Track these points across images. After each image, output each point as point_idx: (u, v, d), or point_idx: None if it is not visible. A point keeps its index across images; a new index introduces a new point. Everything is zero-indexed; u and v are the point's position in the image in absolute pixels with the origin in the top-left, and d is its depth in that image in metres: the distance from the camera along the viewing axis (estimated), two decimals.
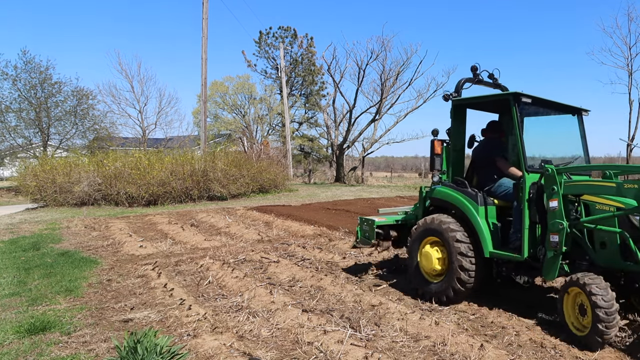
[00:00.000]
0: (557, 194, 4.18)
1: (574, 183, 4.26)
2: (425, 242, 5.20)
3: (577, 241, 4.27)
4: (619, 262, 3.99)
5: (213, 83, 35.95)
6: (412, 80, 27.99)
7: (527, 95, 4.64)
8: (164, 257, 7.22)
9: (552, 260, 4.21)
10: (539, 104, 5.05)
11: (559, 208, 4.18)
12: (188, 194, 16.35)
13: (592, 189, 4.19)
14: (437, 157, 5.35)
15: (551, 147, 5.63)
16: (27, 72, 22.04)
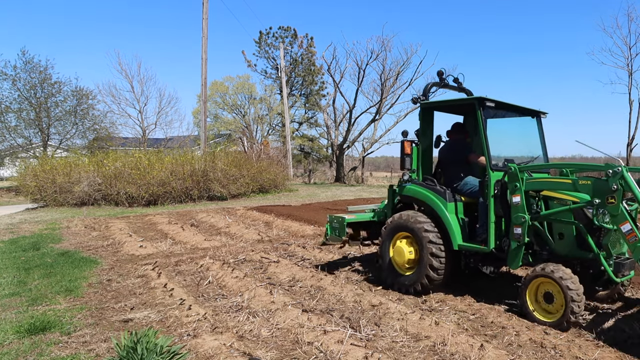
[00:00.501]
0: (519, 190, 4.57)
1: (534, 180, 4.69)
2: (397, 237, 5.50)
3: (539, 233, 4.68)
4: (575, 252, 4.44)
5: (213, 83, 35.98)
6: (412, 80, 28.01)
7: (490, 100, 4.99)
8: (164, 257, 7.22)
9: (516, 250, 4.61)
10: (501, 107, 5.42)
11: (521, 203, 4.56)
12: (188, 194, 16.36)
13: (550, 185, 4.61)
14: (407, 156, 5.66)
15: (514, 147, 6.06)
16: (26, 72, 22.07)
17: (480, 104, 4.96)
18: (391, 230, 5.55)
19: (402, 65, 27.75)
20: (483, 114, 4.98)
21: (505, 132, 6.18)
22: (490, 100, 4.98)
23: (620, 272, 4.29)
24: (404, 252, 5.30)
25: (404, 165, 5.66)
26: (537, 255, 4.74)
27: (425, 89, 6.06)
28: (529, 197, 4.67)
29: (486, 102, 4.95)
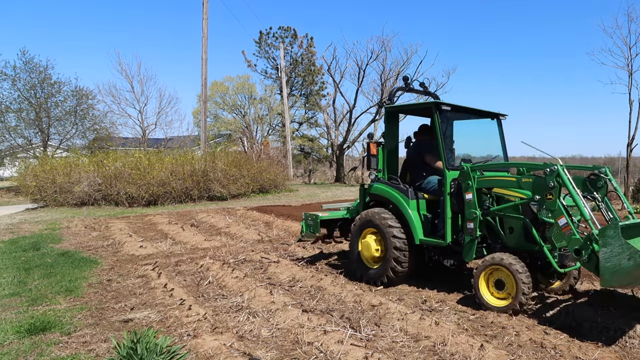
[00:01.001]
0: (471, 188, 4.96)
1: (485, 178, 5.03)
2: (365, 233, 5.89)
3: (492, 227, 5.08)
4: (524, 244, 4.81)
5: (213, 83, 35.97)
6: (412, 81, 28.01)
7: (446, 104, 5.40)
8: (164, 257, 7.22)
9: (470, 244, 5.02)
10: (458, 111, 5.84)
11: (473, 200, 4.95)
12: (188, 194, 16.36)
13: (499, 183, 5.03)
14: (373, 157, 6.02)
15: (477, 148, 6.56)
16: (26, 72, 22.04)
17: (436, 108, 5.37)
18: (359, 227, 5.92)
19: (402, 65, 27.77)
20: (439, 117, 5.35)
21: (469, 133, 6.59)
22: (445, 104, 5.40)
23: (564, 263, 4.57)
24: (371, 247, 5.69)
25: (370, 165, 6.04)
26: (491, 248, 5.13)
27: (391, 93, 6.48)
28: (481, 194, 5.04)
29: (442, 106, 5.37)
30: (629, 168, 16.83)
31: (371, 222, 5.76)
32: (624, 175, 17.87)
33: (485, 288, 4.75)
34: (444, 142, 5.32)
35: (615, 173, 39.62)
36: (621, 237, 3.65)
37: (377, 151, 6.05)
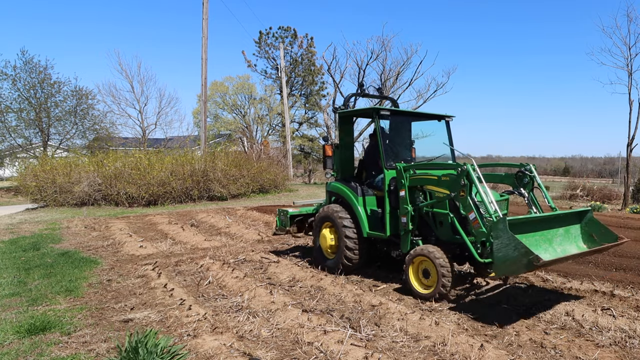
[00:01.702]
0: (404, 186, 5.39)
1: (416, 177, 5.41)
2: (323, 226, 6.46)
3: (426, 221, 5.48)
4: (452, 237, 5.16)
5: (213, 83, 35.98)
6: (412, 81, 27.98)
7: (385, 109, 5.98)
8: (164, 257, 7.22)
9: (405, 236, 5.44)
10: (399, 115, 6.55)
11: (405, 196, 5.37)
12: (188, 194, 16.35)
13: (425, 181, 5.37)
14: (328, 158, 6.58)
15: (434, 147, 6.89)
16: (26, 72, 22.04)
17: (376, 112, 5.90)
18: (319, 221, 6.51)
19: (402, 66, 27.74)
20: (379, 121, 5.90)
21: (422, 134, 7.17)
22: (385, 109, 5.98)
23: (485, 254, 4.83)
24: (327, 239, 6.31)
25: (326, 165, 6.61)
26: (427, 240, 5.48)
27: (346, 99, 7.12)
28: (413, 191, 5.46)
29: (381, 111, 5.92)
30: (629, 168, 16.81)
31: (328, 217, 6.33)
32: (624, 175, 17.87)
33: (415, 276, 5.22)
34: (383, 143, 5.87)
35: (615, 173, 39.58)
36: (509, 231, 4.08)
37: (332, 152, 6.62)
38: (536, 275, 6.04)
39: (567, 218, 4.97)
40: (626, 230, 10.18)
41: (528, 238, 4.44)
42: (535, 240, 4.53)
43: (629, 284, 5.71)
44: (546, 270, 6.32)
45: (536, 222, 4.69)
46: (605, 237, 4.85)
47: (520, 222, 4.41)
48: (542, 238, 4.63)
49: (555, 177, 67.66)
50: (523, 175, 5.43)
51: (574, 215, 5.05)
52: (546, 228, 4.73)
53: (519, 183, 5.49)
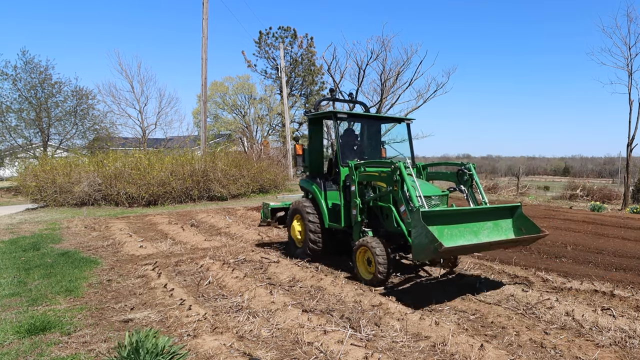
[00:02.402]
0: (354, 182, 5.98)
1: (364, 173, 5.94)
2: (294, 218, 7.20)
3: (376, 214, 6.00)
4: (395, 228, 5.59)
5: (213, 83, 35.99)
6: (412, 81, 28.03)
7: (343, 113, 6.61)
8: (164, 257, 7.22)
9: (356, 227, 6.05)
10: (356, 118, 7.11)
11: (355, 191, 5.98)
12: (188, 194, 16.35)
13: (372, 177, 5.89)
14: (298, 157, 7.24)
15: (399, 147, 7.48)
16: (27, 72, 22.05)
17: (334, 116, 6.46)
18: (291, 214, 7.27)
19: (402, 66, 27.76)
20: (338, 124, 6.52)
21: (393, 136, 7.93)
22: (342, 113, 6.61)
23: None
24: (296, 230, 7.08)
25: (296, 163, 7.33)
26: (376, 231, 5.95)
27: (317, 103, 7.70)
28: (363, 187, 6.03)
29: (338, 114, 6.47)
30: (629, 168, 16.82)
31: (297, 210, 7.06)
32: (624, 175, 17.87)
33: (361, 264, 5.77)
34: (339, 143, 6.53)
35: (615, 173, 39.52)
36: (422, 221, 4.57)
37: (302, 151, 7.27)
38: (536, 276, 6.04)
39: (497, 212, 5.44)
40: (626, 230, 10.18)
41: (451, 229, 5.02)
42: (459, 232, 5.06)
43: (629, 284, 5.71)
44: (546, 271, 6.33)
45: (458, 215, 5.15)
46: (531, 229, 5.33)
47: (435, 215, 4.91)
48: (467, 230, 5.11)
49: (555, 177, 67.69)
50: (463, 173, 5.95)
51: (505, 210, 5.51)
52: (473, 221, 5.21)
53: (459, 180, 6.00)
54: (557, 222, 11.42)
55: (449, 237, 4.96)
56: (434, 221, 4.86)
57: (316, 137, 7.35)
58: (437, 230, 4.82)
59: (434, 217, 4.88)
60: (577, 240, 8.75)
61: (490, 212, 5.41)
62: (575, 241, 8.67)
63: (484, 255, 7.42)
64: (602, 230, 10.14)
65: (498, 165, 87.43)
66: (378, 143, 7.42)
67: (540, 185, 31.18)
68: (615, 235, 9.51)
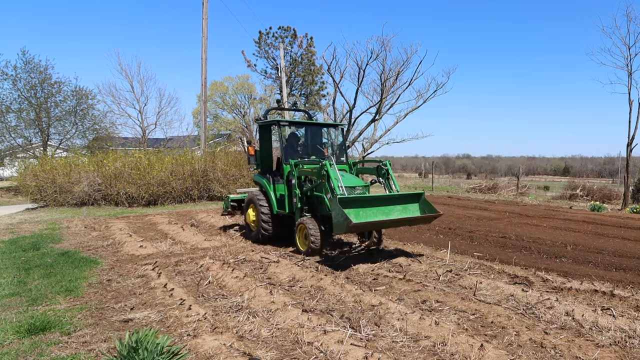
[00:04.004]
0: (294, 176, 7.51)
1: (302, 170, 7.52)
2: (249, 207, 8.74)
3: (314, 202, 7.44)
4: (327, 212, 6.90)
5: (213, 83, 35.98)
6: (412, 80, 28.03)
7: (285, 121, 8.12)
8: (164, 257, 7.22)
9: (297, 212, 7.58)
10: (295, 124, 8.79)
11: (295, 184, 7.52)
12: (188, 194, 16.35)
13: (308, 172, 7.43)
14: (251, 157, 8.73)
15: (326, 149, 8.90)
16: (26, 72, 22.04)
17: (277, 124, 7.98)
18: (247, 203, 8.83)
19: (402, 65, 27.73)
20: (280, 130, 8.05)
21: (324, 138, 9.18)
22: (284, 121, 8.09)
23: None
24: (251, 216, 8.63)
25: (249, 162, 8.80)
26: (314, 216, 7.32)
27: (265, 112, 9.69)
28: (302, 180, 7.56)
29: (281, 122, 7.96)
30: (629, 168, 16.82)
31: (251, 200, 8.55)
32: (623, 175, 17.87)
33: (300, 238, 7.32)
34: (283, 145, 8.02)
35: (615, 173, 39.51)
36: (338, 204, 6.09)
37: (254, 152, 8.75)
38: (536, 275, 6.04)
39: (406, 198, 7.08)
40: (626, 230, 10.18)
41: (366, 211, 6.56)
42: (373, 212, 6.61)
43: (629, 284, 5.71)
44: (546, 271, 6.33)
45: (373, 200, 6.71)
46: (431, 210, 7.00)
47: (350, 200, 6.40)
48: (380, 211, 6.70)
49: (555, 177, 67.71)
50: (381, 168, 7.65)
51: (413, 196, 7.16)
52: (386, 205, 6.82)
53: (378, 174, 7.70)
54: (557, 222, 11.42)
55: (364, 216, 6.48)
56: (350, 205, 6.36)
57: (266, 140, 8.74)
58: (353, 212, 6.34)
59: (349, 202, 6.37)
60: (577, 240, 8.75)
61: (400, 197, 7.01)
62: (575, 241, 8.67)
63: (484, 255, 7.42)
64: (602, 230, 10.14)
65: (498, 165, 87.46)
66: (321, 144, 8.88)
67: (540, 185, 31.18)
68: (615, 235, 9.51)
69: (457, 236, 9.36)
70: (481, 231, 9.83)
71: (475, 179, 43.88)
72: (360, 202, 6.55)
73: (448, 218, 12.22)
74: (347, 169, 8.31)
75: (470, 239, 9.05)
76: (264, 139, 8.72)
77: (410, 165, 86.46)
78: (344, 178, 7.12)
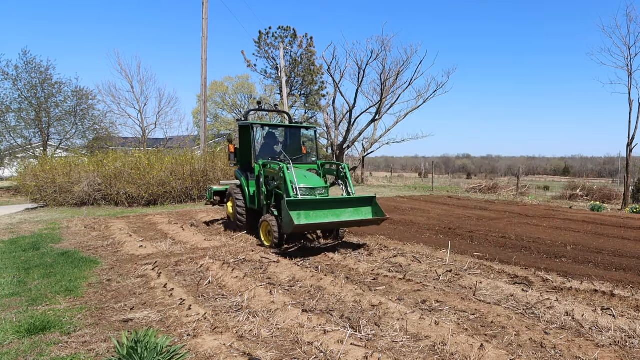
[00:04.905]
0: (262, 175, 8.27)
1: (268, 170, 8.11)
2: (229, 200, 9.67)
3: (278, 199, 7.81)
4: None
5: (213, 83, 36.00)
6: (412, 80, 28.09)
7: (259, 124, 9.02)
8: (164, 257, 7.22)
9: (265, 208, 8.35)
10: (269, 126, 9.65)
11: (262, 181, 8.26)
12: (188, 194, 16.35)
13: (272, 173, 7.97)
14: (232, 154, 9.58)
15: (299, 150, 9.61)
16: (27, 72, 22.05)
17: (252, 126, 8.71)
18: (227, 196, 9.75)
19: (402, 65, 27.77)
20: (254, 131, 8.74)
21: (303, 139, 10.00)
22: (259, 124, 8.97)
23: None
24: (230, 208, 9.65)
25: (230, 158, 9.65)
26: (280, 212, 7.57)
27: (245, 113, 10.17)
28: (268, 179, 8.14)
29: (254, 125, 8.76)
30: (629, 168, 16.82)
31: (230, 193, 9.48)
32: (623, 175, 17.86)
33: (264, 234, 7.92)
34: (254, 146, 8.61)
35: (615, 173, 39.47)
36: (286, 206, 6.60)
37: (234, 150, 9.53)
38: (536, 275, 6.04)
39: (359, 201, 7.45)
40: (626, 230, 10.18)
41: (317, 212, 6.98)
42: (324, 214, 7.04)
43: (629, 284, 5.71)
44: (546, 271, 6.33)
45: (325, 202, 7.13)
46: (380, 214, 7.42)
47: (299, 202, 6.84)
48: (330, 213, 7.12)
49: (555, 177, 67.69)
50: (339, 171, 8.30)
51: (365, 200, 7.51)
52: (338, 207, 7.21)
53: (337, 176, 8.38)
54: (557, 222, 11.42)
55: (314, 217, 6.93)
56: (301, 207, 6.80)
57: (244, 139, 9.34)
58: (304, 213, 6.82)
59: (300, 204, 6.82)
60: (577, 240, 8.75)
61: (352, 201, 7.40)
62: (575, 241, 8.67)
63: (484, 255, 7.42)
64: (602, 230, 10.15)
65: (498, 165, 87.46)
66: (299, 144, 9.65)
67: (540, 185, 31.18)
68: (615, 235, 9.51)
69: (457, 236, 9.36)
70: (481, 231, 9.84)
71: (475, 179, 43.88)
72: (312, 204, 6.94)
73: (448, 218, 12.22)
74: (317, 168, 8.90)
75: (470, 239, 9.05)
76: (243, 138, 9.41)
77: (410, 165, 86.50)
78: (306, 179, 7.63)
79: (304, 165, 8.81)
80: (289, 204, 6.60)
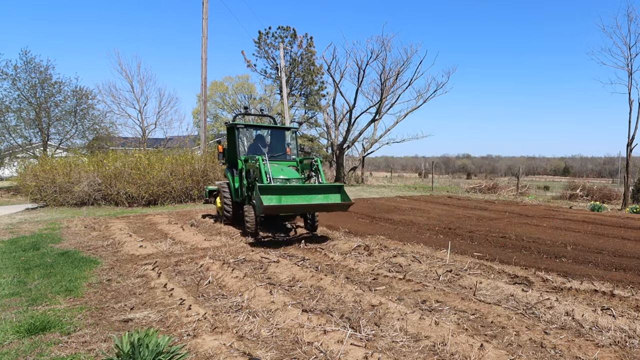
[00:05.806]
0: (244, 170, 9.38)
1: (249, 164, 9.08)
2: (219, 195, 10.76)
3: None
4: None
5: (213, 83, 35.99)
6: (412, 80, 28.10)
7: (241, 125, 9.92)
8: (164, 257, 7.22)
9: (246, 199, 9.35)
10: (253, 128, 10.56)
11: (244, 175, 9.35)
12: (188, 194, 16.34)
13: (251, 167, 8.93)
14: (220, 154, 10.68)
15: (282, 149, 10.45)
16: (27, 72, 22.03)
17: (235, 127, 9.80)
18: (217, 192, 10.79)
19: (402, 65, 27.78)
20: (238, 132, 9.80)
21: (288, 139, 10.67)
22: (241, 125, 9.90)
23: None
24: (219, 203, 10.77)
25: (219, 158, 10.76)
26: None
27: (234, 117, 11.96)
28: (250, 174, 9.18)
29: (237, 126, 9.79)
30: (628, 168, 16.82)
31: (219, 190, 10.47)
32: (623, 175, 17.86)
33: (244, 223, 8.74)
34: (239, 144, 9.68)
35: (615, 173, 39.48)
36: (258, 191, 7.40)
37: (223, 150, 10.59)
38: (536, 275, 6.04)
39: (328, 189, 8.20)
40: (626, 230, 10.18)
41: (287, 197, 7.69)
42: (294, 199, 7.73)
43: (629, 284, 5.71)
44: (546, 271, 6.33)
45: (296, 189, 7.89)
46: (347, 199, 8.14)
47: (270, 188, 7.61)
48: (301, 198, 7.80)
49: (555, 177, 67.70)
50: (312, 164, 9.06)
51: (334, 188, 8.26)
52: (307, 194, 7.93)
53: (311, 168, 9.13)
54: (557, 222, 11.42)
55: (285, 201, 7.62)
56: (270, 192, 7.57)
57: (231, 140, 10.23)
58: (276, 197, 7.57)
59: (269, 189, 7.60)
60: (577, 240, 8.75)
61: (321, 188, 8.15)
62: (575, 241, 8.67)
63: (484, 255, 7.42)
64: (602, 230, 10.15)
65: (498, 165, 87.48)
66: (283, 144, 10.42)
67: (540, 185, 31.18)
68: (615, 235, 9.51)
69: (457, 236, 9.36)
70: (481, 231, 9.84)
71: (475, 179, 43.90)
72: (284, 189, 7.78)
73: (448, 218, 12.22)
74: (296, 164, 9.76)
75: (470, 239, 9.05)
76: (230, 139, 10.34)
77: (410, 165, 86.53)
78: (283, 172, 8.60)
79: (285, 162, 9.73)
80: (260, 189, 7.41)
